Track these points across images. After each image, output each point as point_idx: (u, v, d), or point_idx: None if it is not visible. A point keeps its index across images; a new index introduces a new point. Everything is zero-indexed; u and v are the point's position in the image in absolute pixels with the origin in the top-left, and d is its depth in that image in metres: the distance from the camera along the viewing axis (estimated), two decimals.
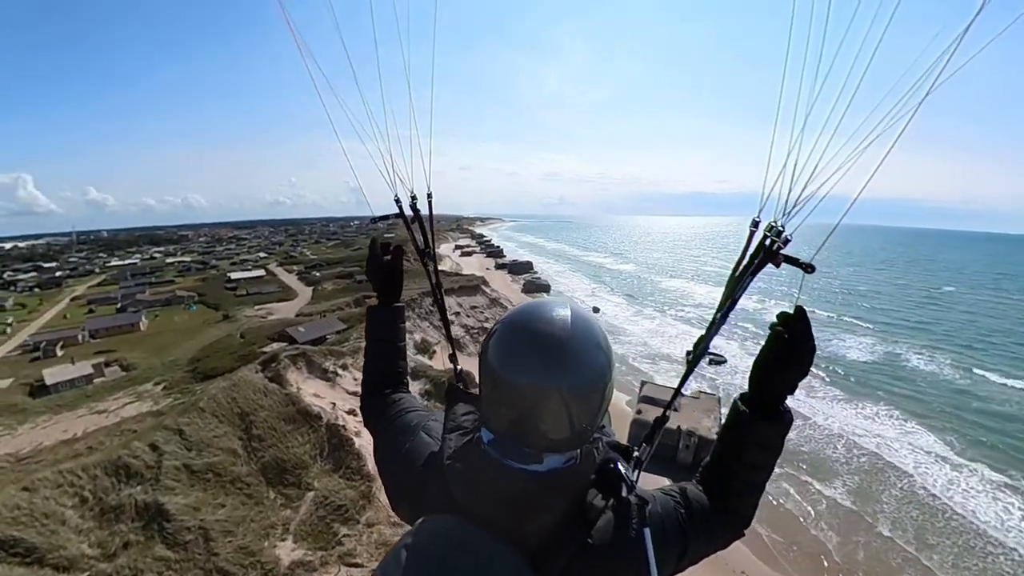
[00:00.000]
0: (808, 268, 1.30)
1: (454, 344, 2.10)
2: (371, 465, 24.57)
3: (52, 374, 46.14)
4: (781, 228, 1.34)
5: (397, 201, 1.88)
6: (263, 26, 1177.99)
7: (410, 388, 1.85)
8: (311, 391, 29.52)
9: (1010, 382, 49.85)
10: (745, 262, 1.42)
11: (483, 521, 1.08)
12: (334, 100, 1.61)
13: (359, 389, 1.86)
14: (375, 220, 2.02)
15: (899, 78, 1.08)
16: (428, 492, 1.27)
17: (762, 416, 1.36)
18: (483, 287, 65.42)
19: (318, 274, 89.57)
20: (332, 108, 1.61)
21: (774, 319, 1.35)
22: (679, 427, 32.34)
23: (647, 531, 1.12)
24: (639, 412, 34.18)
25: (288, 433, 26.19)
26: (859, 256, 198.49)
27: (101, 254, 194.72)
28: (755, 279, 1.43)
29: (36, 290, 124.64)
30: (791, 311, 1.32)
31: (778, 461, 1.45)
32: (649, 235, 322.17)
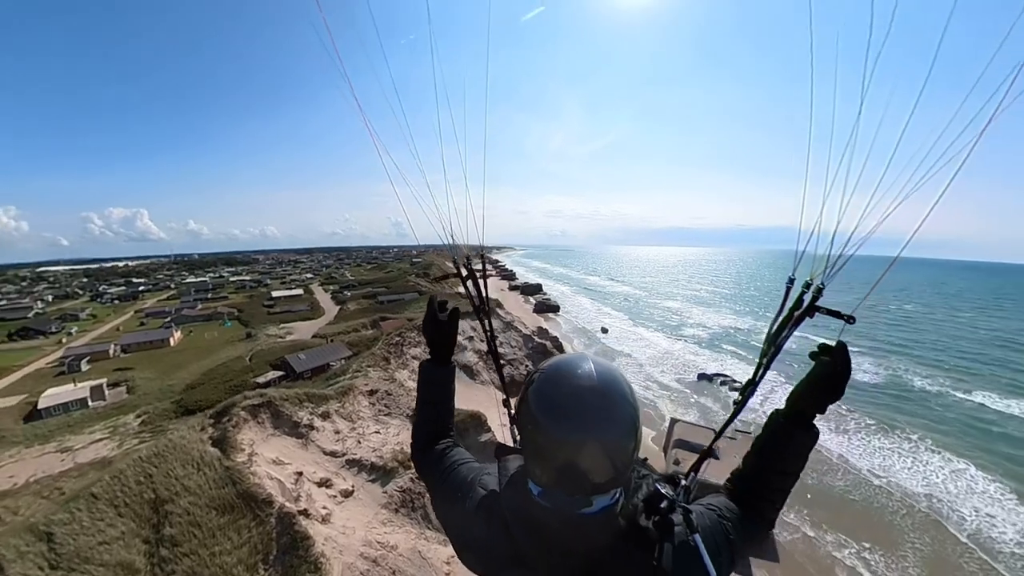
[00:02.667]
0: (849, 319, 1.21)
1: (508, 393, 1.76)
2: None
3: (48, 397, 35.47)
4: (821, 285, 1.24)
5: (455, 263, 1.72)
6: (324, 94, 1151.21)
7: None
8: (271, 455, 18.06)
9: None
10: (783, 315, 1.31)
11: (551, 570, 1.02)
12: (403, 182, 1.52)
13: (339, 446, 2.02)
14: (437, 279, 2.06)
15: (914, 155, 0.96)
16: (494, 548, 1.13)
17: (799, 427, 1.27)
18: (498, 310, 54.09)
19: (348, 293, 79.08)
20: (400, 185, 1.51)
21: (815, 348, 1.24)
22: (725, 484, 20.32)
23: (698, 536, 1.07)
24: (676, 462, 22.43)
25: (219, 530, 14.79)
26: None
27: (184, 272, 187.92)
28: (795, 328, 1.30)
29: (116, 302, 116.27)
30: (831, 343, 1.21)
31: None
32: (637, 262, 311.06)
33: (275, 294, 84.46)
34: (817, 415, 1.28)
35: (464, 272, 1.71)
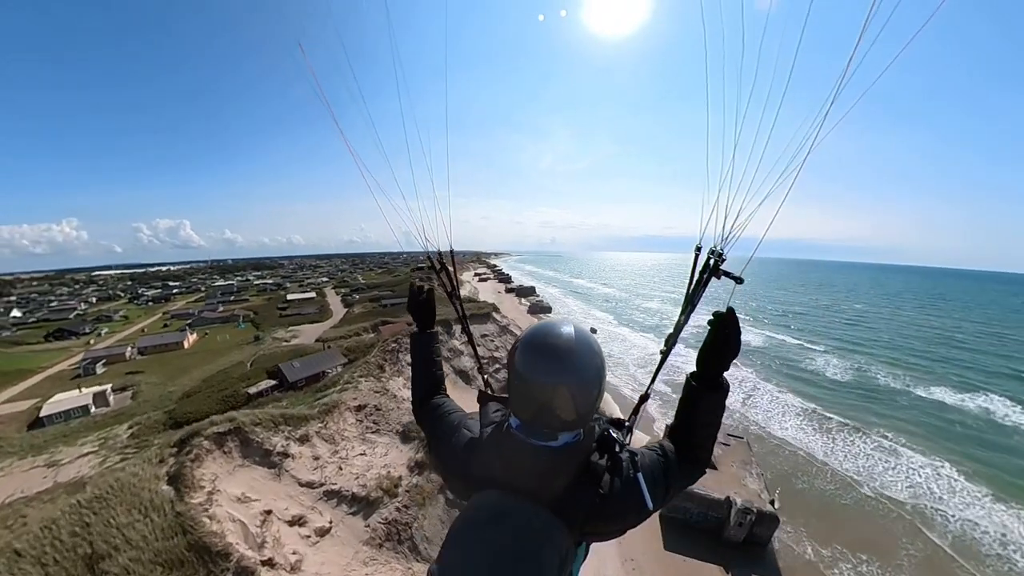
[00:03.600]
0: (739, 280, 1.32)
1: (480, 360, 2.00)
2: None
3: (51, 404, 31.66)
4: (720, 251, 1.34)
5: (428, 258, 1.82)
6: (342, 116, 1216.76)
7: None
8: (236, 491, 14.46)
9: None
10: (696, 276, 1.41)
11: (519, 489, 1.07)
12: (380, 191, 1.62)
13: (317, 475, 2.08)
14: (414, 270, 1.95)
15: (785, 146, 1.13)
16: (472, 473, 1.21)
17: (708, 388, 1.32)
18: (494, 314, 49.82)
19: (356, 296, 75.34)
20: (379, 194, 1.61)
21: (711, 317, 1.30)
22: (728, 498, 17.47)
23: (640, 475, 1.16)
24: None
25: None
26: (776, 280, 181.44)
27: (216, 276, 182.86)
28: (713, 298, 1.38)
29: (150, 303, 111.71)
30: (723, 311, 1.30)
31: None
32: (618, 266, 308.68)
33: (290, 297, 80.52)
34: (723, 372, 1.31)
35: (437, 266, 1.83)
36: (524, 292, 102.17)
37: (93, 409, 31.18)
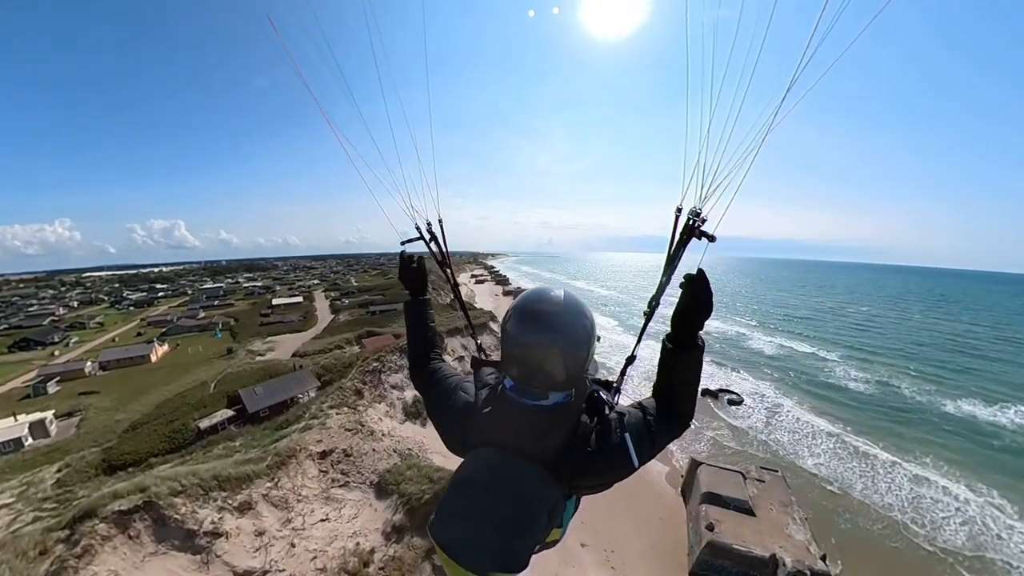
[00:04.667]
0: (711, 238, 1.33)
1: (472, 324, 2.04)
2: None
3: None
4: (699, 211, 1.34)
5: (417, 228, 1.82)
6: (335, 115, 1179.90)
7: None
8: None
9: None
10: (677, 238, 1.40)
11: (512, 447, 1.11)
12: (364, 165, 1.63)
13: (259, 559, 2.02)
14: (404, 243, 1.83)
15: (764, 105, 1.17)
16: (469, 432, 1.26)
17: (684, 348, 1.32)
18: (491, 324, 44.27)
19: (346, 301, 71.17)
20: (364, 171, 1.63)
21: (683, 279, 1.30)
22: (774, 556, 13.84)
23: (627, 435, 1.21)
24: (710, 527, 15.40)
25: None
26: (777, 282, 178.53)
27: (206, 278, 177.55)
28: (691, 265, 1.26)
29: (131, 308, 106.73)
30: (694, 272, 1.28)
31: None
32: (615, 266, 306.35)
33: (275, 302, 76.17)
34: (697, 332, 1.30)
35: (427, 235, 1.83)
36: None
37: (29, 441, 27.03)
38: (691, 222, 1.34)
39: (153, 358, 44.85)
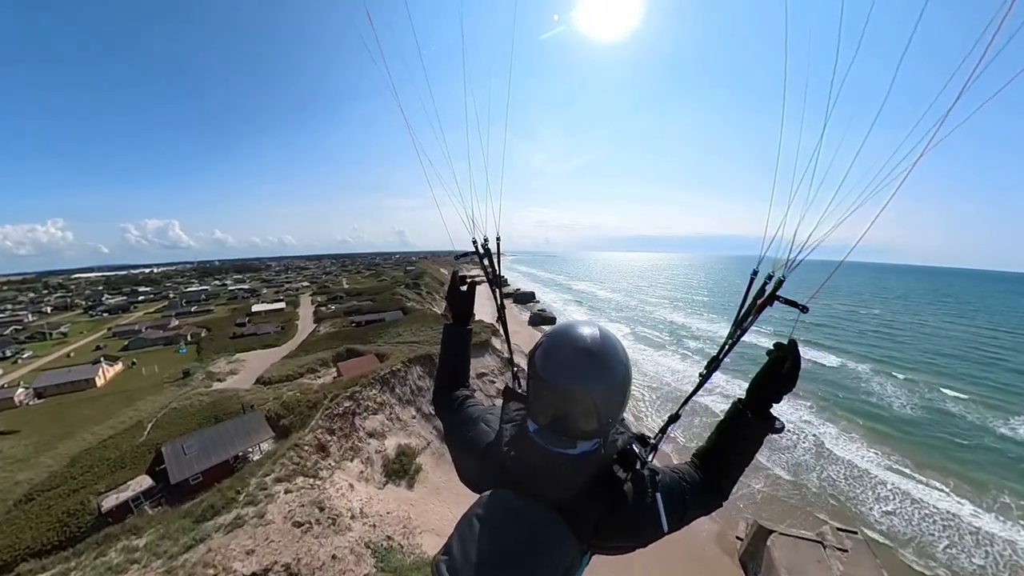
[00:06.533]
0: (803, 308, 1.22)
1: (511, 349, 1.89)
2: None
3: None
4: (782, 277, 1.25)
5: (474, 243, 1.73)
6: (340, 114, 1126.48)
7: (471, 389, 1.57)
8: None
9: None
10: (750, 301, 1.30)
11: (531, 493, 1.04)
12: (436, 177, 1.59)
13: None
14: (458, 257, 1.78)
15: (874, 161, 1.04)
16: (488, 470, 1.19)
17: (757, 417, 1.25)
18: (492, 341, 35.25)
19: (333, 308, 65.01)
20: (434, 182, 1.56)
21: (771, 347, 1.23)
22: None
23: (659, 495, 1.13)
24: None
25: None
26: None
27: (193, 280, 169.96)
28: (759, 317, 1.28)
29: (106, 314, 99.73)
30: (785, 342, 1.20)
31: None
32: (615, 266, 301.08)
33: (255, 308, 69.79)
34: (773, 405, 1.24)
35: (482, 251, 1.76)
36: (523, 299, 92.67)
37: None
38: (767, 287, 1.24)
39: (100, 381, 38.56)
